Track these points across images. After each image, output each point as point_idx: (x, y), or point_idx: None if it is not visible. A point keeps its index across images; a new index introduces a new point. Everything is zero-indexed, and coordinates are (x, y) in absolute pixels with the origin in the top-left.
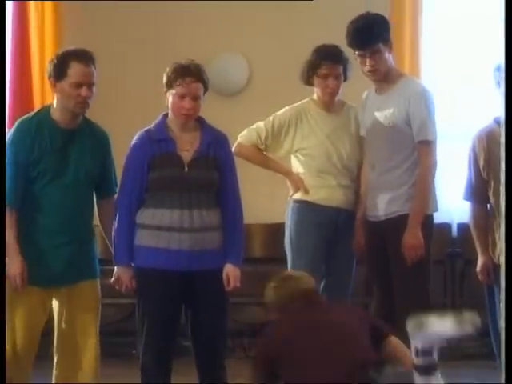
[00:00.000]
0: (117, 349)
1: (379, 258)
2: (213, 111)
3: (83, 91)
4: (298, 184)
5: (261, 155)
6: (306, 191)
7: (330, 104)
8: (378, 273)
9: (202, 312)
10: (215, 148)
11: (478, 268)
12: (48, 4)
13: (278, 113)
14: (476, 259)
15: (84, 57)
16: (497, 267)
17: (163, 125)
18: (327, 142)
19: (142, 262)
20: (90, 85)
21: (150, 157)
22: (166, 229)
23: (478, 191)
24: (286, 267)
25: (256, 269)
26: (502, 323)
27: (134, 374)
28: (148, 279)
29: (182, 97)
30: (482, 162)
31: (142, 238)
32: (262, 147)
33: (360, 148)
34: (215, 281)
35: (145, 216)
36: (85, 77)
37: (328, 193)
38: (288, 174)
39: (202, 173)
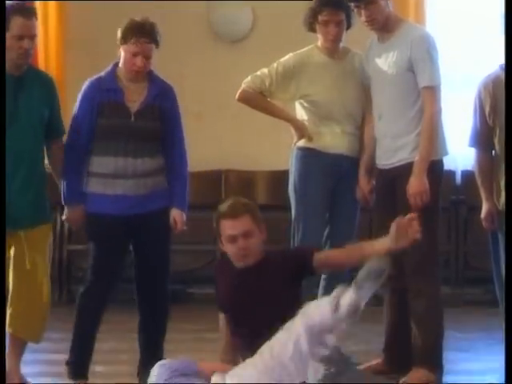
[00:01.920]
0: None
1: (387, 206)
2: (217, 58)
3: (25, 43)
4: (302, 131)
5: (265, 102)
6: (310, 138)
7: (334, 51)
8: (386, 219)
9: (148, 246)
10: (162, 99)
11: (482, 215)
12: (52, 3)
13: (282, 59)
14: (480, 206)
15: (25, 11)
16: (501, 214)
17: (113, 74)
18: (331, 89)
19: (90, 208)
20: (31, 37)
21: (98, 103)
22: (111, 176)
23: (483, 138)
24: (291, 214)
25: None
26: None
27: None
28: (96, 224)
29: (134, 55)
30: (487, 109)
31: (90, 185)
32: (266, 94)
33: (365, 95)
34: (159, 220)
35: (92, 164)
36: (26, 30)
37: (332, 140)
38: (292, 120)
39: (148, 123)
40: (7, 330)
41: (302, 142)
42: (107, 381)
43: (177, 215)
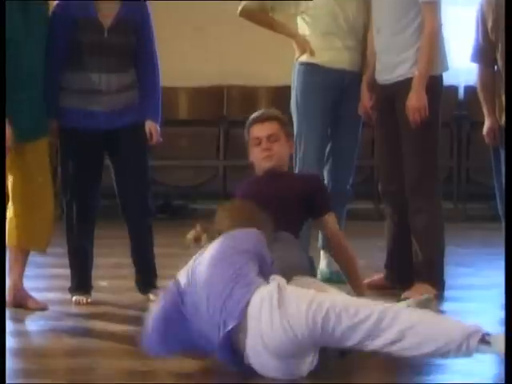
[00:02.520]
0: None
1: (388, 121)
2: None
3: None
4: (303, 46)
5: (267, 17)
6: (312, 53)
7: None
8: (387, 135)
9: (124, 161)
10: (134, 13)
11: (484, 131)
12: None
13: None
14: (482, 122)
15: None
16: (503, 129)
17: None
18: (333, 3)
19: (65, 123)
20: None
21: (71, 19)
22: (86, 92)
23: (485, 53)
24: (293, 130)
25: None
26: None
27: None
28: (71, 140)
29: None
30: (490, 23)
31: (65, 100)
32: (268, 9)
33: (367, 9)
34: (134, 134)
35: (67, 80)
36: None
37: (334, 54)
38: (294, 36)
39: (121, 38)
40: (8, 244)
41: (303, 58)
42: (111, 295)
43: (152, 127)
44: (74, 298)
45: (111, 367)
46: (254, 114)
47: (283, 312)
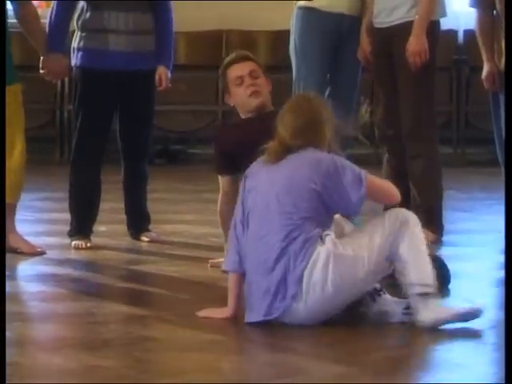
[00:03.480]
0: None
1: (385, 65)
2: None
3: None
4: None
5: None
6: None
7: None
8: (384, 79)
9: (133, 105)
10: None
11: (483, 75)
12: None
13: None
14: (482, 66)
15: None
16: (502, 74)
17: None
18: None
19: (81, 63)
20: None
21: None
22: (103, 31)
23: None
24: (292, 75)
25: None
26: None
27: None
28: (87, 79)
29: None
30: None
31: (83, 40)
32: None
33: None
34: (147, 82)
35: (84, 19)
36: None
37: None
38: None
39: None
40: None
41: (302, 2)
42: (108, 240)
43: (163, 72)
44: (74, 243)
45: (110, 312)
46: (228, 58)
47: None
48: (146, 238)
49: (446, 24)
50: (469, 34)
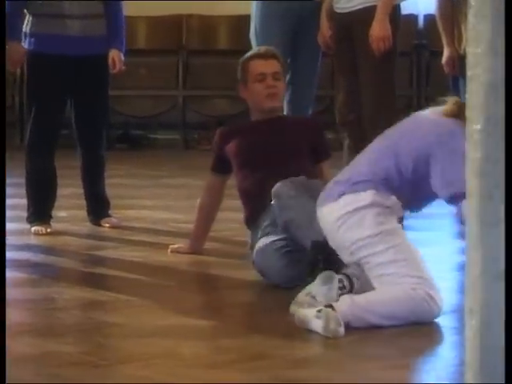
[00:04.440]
0: None
1: (346, 50)
2: None
3: None
4: None
5: None
6: None
7: None
8: (345, 64)
9: (87, 91)
10: None
11: (444, 60)
12: None
13: None
14: (442, 51)
15: None
16: (462, 59)
17: None
18: None
19: (35, 47)
20: None
21: None
22: (54, 16)
23: None
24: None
25: (222, 61)
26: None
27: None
28: (39, 64)
29: None
30: None
31: (36, 25)
32: None
33: None
34: (100, 66)
35: (35, 4)
36: None
37: None
38: None
39: None
40: None
41: None
42: (68, 225)
43: (115, 55)
44: (34, 229)
45: (71, 297)
46: (256, 50)
47: None
48: (106, 224)
49: (406, 8)
50: (429, 18)
